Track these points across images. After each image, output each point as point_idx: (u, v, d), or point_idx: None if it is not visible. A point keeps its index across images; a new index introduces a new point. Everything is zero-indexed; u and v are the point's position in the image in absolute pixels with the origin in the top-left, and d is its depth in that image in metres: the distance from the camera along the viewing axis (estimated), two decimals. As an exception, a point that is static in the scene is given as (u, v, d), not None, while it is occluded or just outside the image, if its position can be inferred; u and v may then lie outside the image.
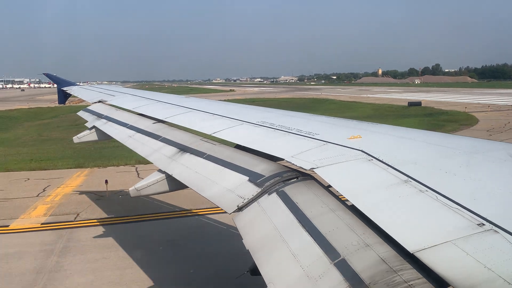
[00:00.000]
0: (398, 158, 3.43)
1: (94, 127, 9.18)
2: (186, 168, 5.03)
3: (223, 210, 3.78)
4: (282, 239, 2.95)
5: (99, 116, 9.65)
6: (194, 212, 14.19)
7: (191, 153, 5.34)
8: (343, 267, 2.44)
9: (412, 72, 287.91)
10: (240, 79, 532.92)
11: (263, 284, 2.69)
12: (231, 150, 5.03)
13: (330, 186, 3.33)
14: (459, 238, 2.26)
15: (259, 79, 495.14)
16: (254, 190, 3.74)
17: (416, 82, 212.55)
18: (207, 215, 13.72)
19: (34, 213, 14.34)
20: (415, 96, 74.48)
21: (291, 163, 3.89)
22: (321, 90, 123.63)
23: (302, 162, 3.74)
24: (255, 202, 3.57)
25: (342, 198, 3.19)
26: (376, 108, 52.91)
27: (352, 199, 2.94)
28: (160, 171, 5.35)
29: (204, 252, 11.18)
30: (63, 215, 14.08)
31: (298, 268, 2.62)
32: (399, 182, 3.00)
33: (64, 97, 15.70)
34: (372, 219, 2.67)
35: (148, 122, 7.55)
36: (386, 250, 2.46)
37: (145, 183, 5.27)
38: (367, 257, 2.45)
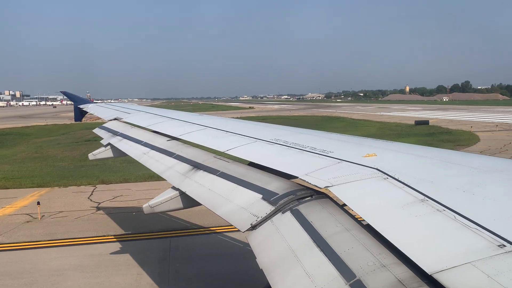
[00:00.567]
0: (414, 176, 3.38)
1: (109, 144, 9.28)
2: (200, 185, 5.03)
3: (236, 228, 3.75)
4: (296, 258, 2.90)
5: (114, 133, 9.76)
6: (211, 230, 14.18)
7: (205, 170, 5.34)
8: None
9: (440, 89, 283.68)
10: (267, 96, 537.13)
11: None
12: (244, 167, 5.01)
13: (345, 204, 3.28)
14: (479, 260, 2.19)
15: (285, 96, 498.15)
16: (267, 208, 3.71)
17: (444, 100, 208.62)
18: (224, 233, 13.69)
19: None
20: (432, 115, 73.83)
21: (305, 181, 3.85)
22: (340, 107, 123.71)
23: (317, 180, 3.70)
24: (269, 221, 3.53)
25: (357, 217, 3.14)
26: (382, 127, 52.45)
27: (367, 218, 2.89)
28: (173, 188, 5.35)
29: (220, 271, 11.10)
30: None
31: None
32: (415, 201, 2.95)
33: (80, 114, 15.97)
34: (388, 239, 2.62)
35: (162, 140, 7.61)
36: (403, 271, 2.39)
37: (158, 200, 5.27)
38: (384, 278, 2.39)
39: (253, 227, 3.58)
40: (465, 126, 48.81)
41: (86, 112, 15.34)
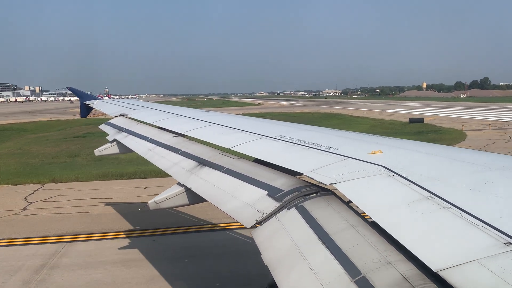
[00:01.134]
0: (420, 174, 3.36)
1: (115, 140, 9.32)
2: (205, 181, 5.04)
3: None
4: (301, 255, 2.91)
5: (120, 129, 9.79)
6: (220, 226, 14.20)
7: (210, 166, 5.36)
8: (364, 285, 2.38)
9: (458, 86, 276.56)
10: (283, 92, 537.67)
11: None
12: (250, 164, 5.02)
13: (350, 201, 3.28)
14: (486, 257, 2.18)
15: (302, 92, 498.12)
16: (273, 204, 3.71)
17: (461, 96, 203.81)
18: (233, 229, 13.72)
19: None
20: (436, 112, 73.09)
21: (310, 177, 3.85)
22: (349, 104, 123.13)
23: (322, 177, 3.70)
24: (274, 217, 3.54)
25: (362, 214, 3.14)
26: (375, 124, 51.68)
27: (373, 215, 2.89)
28: (179, 184, 5.37)
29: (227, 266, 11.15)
30: None
31: (318, 285, 2.57)
32: (421, 198, 2.94)
33: (86, 110, 16.03)
34: (393, 236, 2.61)
35: (168, 136, 7.63)
36: (408, 268, 2.39)
37: (164, 196, 5.30)
38: (389, 275, 2.39)
39: (258, 224, 3.58)
40: (461, 124, 47.95)
41: (92, 108, 15.40)
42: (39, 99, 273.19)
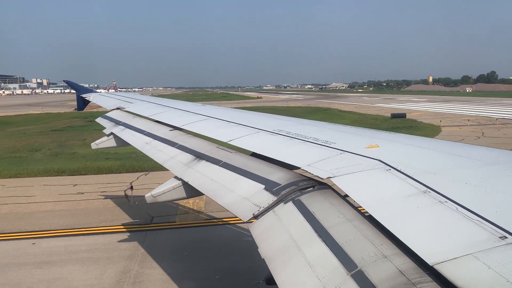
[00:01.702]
0: (416, 168, 3.38)
1: (112, 133, 9.30)
2: (202, 175, 5.04)
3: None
4: (298, 248, 2.92)
5: (117, 123, 9.77)
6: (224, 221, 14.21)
7: (207, 160, 5.36)
8: (360, 278, 2.40)
9: (465, 80, 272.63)
10: (290, 86, 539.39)
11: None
12: (247, 158, 5.02)
13: (347, 195, 3.29)
14: (481, 251, 2.20)
15: (309, 86, 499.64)
16: (270, 198, 3.72)
17: (467, 91, 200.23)
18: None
19: None
20: (427, 107, 72.24)
21: (307, 171, 3.86)
22: (347, 98, 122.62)
23: (319, 171, 3.71)
24: (271, 211, 3.55)
25: (359, 208, 3.15)
26: (359, 119, 50.83)
27: (369, 209, 2.90)
28: (176, 177, 5.37)
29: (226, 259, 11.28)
30: None
31: (314, 278, 2.58)
32: (418, 192, 2.95)
33: (83, 103, 15.96)
34: (390, 230, 2.63)
35: (165, 129, 7.61)
36: (404, 262, 2.41)
37: (161, 189, 5.30)
38: (385, 268, 2.41)
39: (255, 217, 3.59)
40: (444, 119, 47.19)
41: (89, 102, 15.34)
42: (45, 91, 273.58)
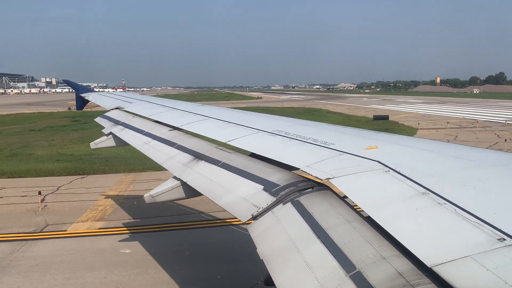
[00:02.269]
0: (416, 169, 3.38)
1: (111, 133, 9.29)
2: (201, 175, 5.04)
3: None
4: (296, 249, 2.92)
5: (116, 122, 9.76)
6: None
7: (206, 160, 5.35)
8: (359, 279, 2.40)
9: (473, 81, 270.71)
10: (298, 86, 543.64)
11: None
12: (246, 158, 5.02)
13: (346, 196, 3.29)
14: (479, 253, 2.20)
15: (317, 86, 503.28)
16: (268, 199, 3.72)
17: (474, 92, 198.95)
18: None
19: None
20: (425, 108, 71.98)
21: (306, 172, 3.86)
22: (346, 99, 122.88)
23: (318, 172, 3.71)
24: (270, 212, 3.55)
25: (358, 209, 3.15)
26: (342, 121, 49.64)
27: (368, 211, 2.90)
28: (175, 178, 5.36)
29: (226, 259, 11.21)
30: None
31: (313, 279, 2.58)
32: (417, 194, 2.95)
33: (82, 103, 15.94)
34: (389, 232, 2.63)
35: (164, 129, 7.61)
36: (403, 264, 2.41)
37: (160, 190, 5.29)
38: (384, 270, 2.40)
39: (253, 218, 3.59)
40: (427, 122, 46.71)
41: (88, 101, 15.32)
42: (53, 90, 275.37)
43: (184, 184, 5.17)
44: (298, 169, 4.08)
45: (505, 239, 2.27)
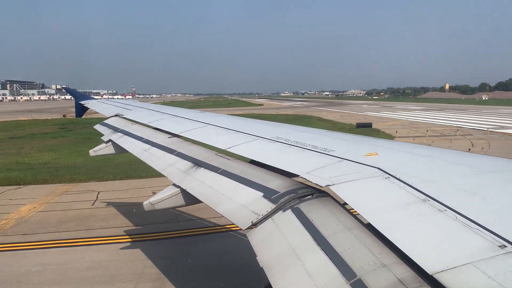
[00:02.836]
0: (416, 176, 3.37)
1: (110, 140, 9.28)
2: (201, 183, 5.03)
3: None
4: (297, 257, 2.90)
5: (115, 130, 9.76)
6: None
7: (206, 168, 5.34)
8: (360, 287, 2.38)
9: (483, 87, 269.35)
10: (308, 93, 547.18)
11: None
12: (245, 165, 5.01)
13: (346, 203, 3.28)
14: (480, 260, 2.19)
15: (327, 93, 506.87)
16: (268, 206, 3.71)
17: (483, 98, 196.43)
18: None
19: None
20: (420, 115, 70.66)
21: (306, 179, 3.85)
22: (346, 106, 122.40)
23: (318, 179, 3.70)
24: (270, 219, 3.53)
25: (358, 216, 3.14)
26: (327, 128, 48.81)
27: (368, 218, 2.89)
28: (174, 185, 5.35)
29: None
30: None
31: (313, 287, 2.57)
32: (417, 201, 2.94)
33: (81, 110, 15.94)
34: (389, 239, 2.61)
35: (163, 137, 7.61)
36: (404, 271, 2.39)
37: (159, 197, 5.28)
38: (384, 277, 2.39)
39: (253, 225, 3.58)
40: (411, 130, 45.77)
41: (88, 108, 15.33)
42: (63, 97, 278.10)
43: (183, 192, 5.15)
44: (298, 176, 4.07)
45: (506, 246, 2.26)
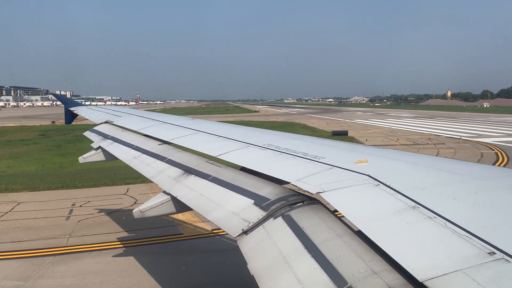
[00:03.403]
0: (405, 183, 3.39)
1: (100, 147, 9.21)
2: (191, 190, 5.00)
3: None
4: (287, 264, 2.90)
5: (105, 136, 9.69)
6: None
7: (196, 175, 5.32)
8: None
9: (485, 95, 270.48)
10: (312, 99, 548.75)
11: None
12: (236, 172, 5.00)
13: (336, 210, 3.28)
14: (470, 267, 2.20)
15: (330, 100, 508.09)
16: (259, 213, 3.70)
17: (485, 106, 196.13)
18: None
19: None
20: (403, 123, 69.51)
21: (297, 186, 3.85)
22: (341, 113, 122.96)
23: (308, 186, 3.70)
24: (260, 226, 3.52)
25: (349, 223, 3.14)
26: (308, 135, 48.43)
27: (359, 225, 2.89)
28: (164, 192, 5.31)
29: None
30: None
31: None
32: (407, 208, 2.96)
33: (71, 117, 15.78)
34: (380, 246, 2.62)
35: (154, 144, 7.57)
36: (394, 278, 2.40)
37: (149, 204, 5.23)
38: (375, 284, 2.39)
39: (244, 233, 3.56)
40: (387, 138, 45.26)
41: (77, 115, 15.19)
42: None
43: (174, 199, 5.12)
44: (289, 183, 4.07)
45: (495, 253, 2.28)
